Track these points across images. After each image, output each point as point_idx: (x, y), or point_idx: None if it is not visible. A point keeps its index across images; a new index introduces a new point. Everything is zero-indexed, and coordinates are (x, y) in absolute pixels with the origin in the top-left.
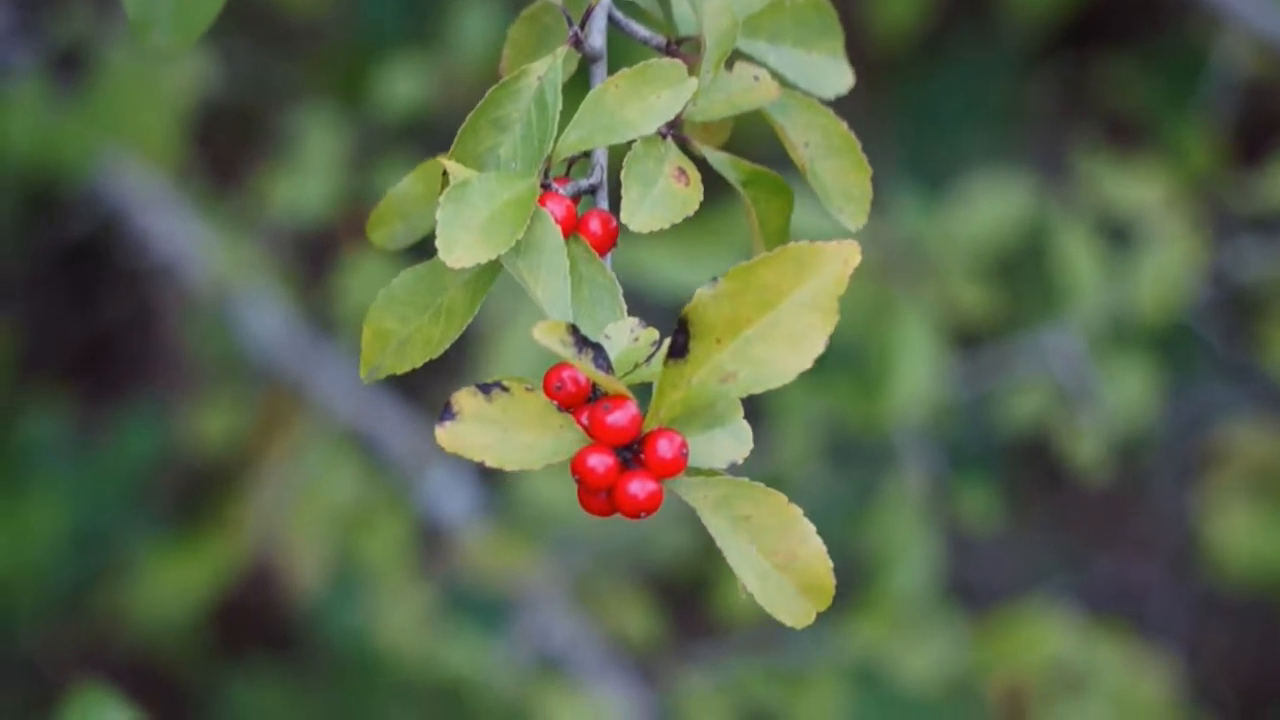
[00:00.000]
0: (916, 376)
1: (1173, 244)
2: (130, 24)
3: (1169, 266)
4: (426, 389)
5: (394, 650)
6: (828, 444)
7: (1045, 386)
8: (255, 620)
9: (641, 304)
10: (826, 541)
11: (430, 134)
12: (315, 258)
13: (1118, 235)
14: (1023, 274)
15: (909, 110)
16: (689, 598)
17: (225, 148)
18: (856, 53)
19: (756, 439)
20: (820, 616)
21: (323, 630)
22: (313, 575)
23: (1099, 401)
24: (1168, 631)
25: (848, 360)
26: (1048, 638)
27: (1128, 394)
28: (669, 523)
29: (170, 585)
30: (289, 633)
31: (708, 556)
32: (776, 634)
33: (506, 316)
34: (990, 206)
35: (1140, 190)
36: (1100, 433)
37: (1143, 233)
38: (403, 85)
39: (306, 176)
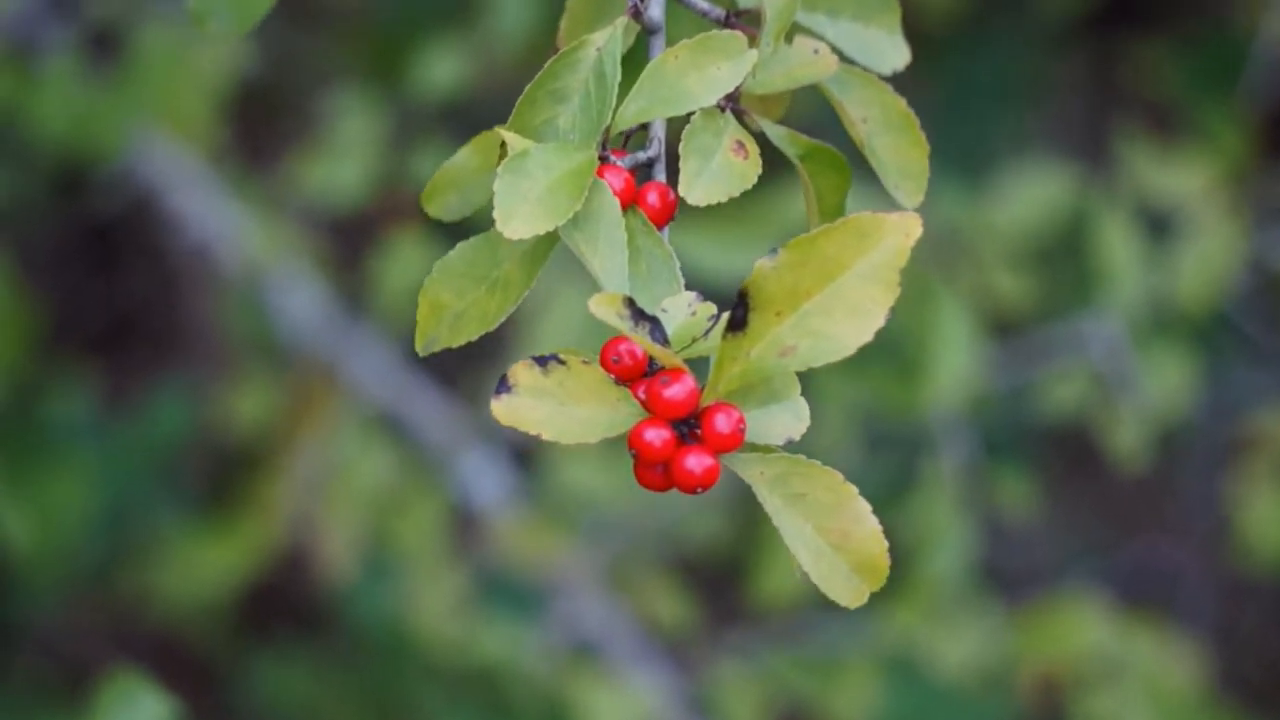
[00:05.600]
0: (954, 364)
1: (1214, 234)
2: (190, 12)
3: (1210, 257)
4: (461, 373)
5: (426, 634)
6: (864, 430)
7: (1084, 375)
8: (285, 603)
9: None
10: None
11: (468, 117)
12: (350, 240)
13: (1156, 223)
14: (1061, 261)
15: (942, 88)
16: (723, 584)
17: (259, 128)
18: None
19: None
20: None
21: (354, 614)
22: (344, 558)
23: (1138, 390)
24: (1198, 616)
25: (886, 346)
26: (1082, 628)
27: (1167, 382)
28: (703, 508)
29: (199, 566)
30: (319, 616)
31: (742, 543)
32: (810, 621)
33: (544, 300)
34: (1030, 194)
35: (1180, 179)
36: (1139, 421)
37: (1183, 221)
38: (440, 67)
39: (341, 159)
